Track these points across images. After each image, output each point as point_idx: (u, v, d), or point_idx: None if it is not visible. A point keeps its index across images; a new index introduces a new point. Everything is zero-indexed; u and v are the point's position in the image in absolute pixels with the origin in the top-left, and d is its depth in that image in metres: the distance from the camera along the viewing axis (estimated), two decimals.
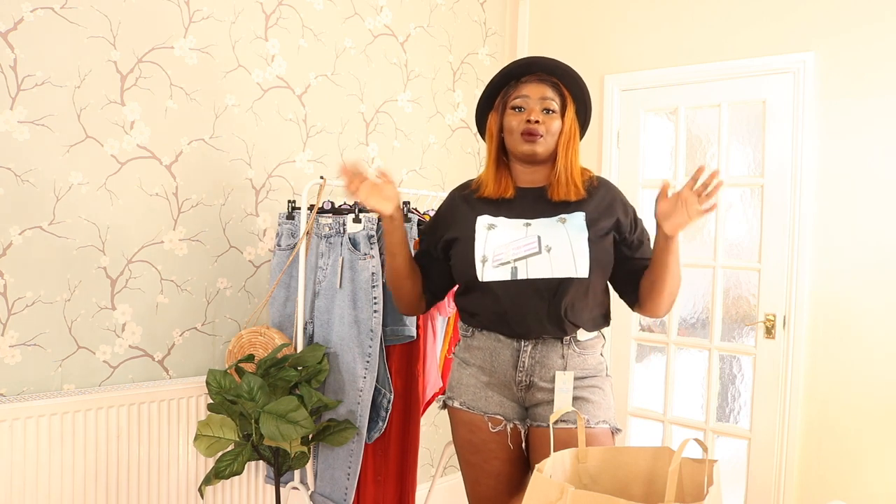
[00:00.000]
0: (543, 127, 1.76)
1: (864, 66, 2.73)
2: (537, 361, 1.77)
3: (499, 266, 1.72)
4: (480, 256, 1.75)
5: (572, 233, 1.73)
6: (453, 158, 3.44)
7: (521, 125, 1.77)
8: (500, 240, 1.75)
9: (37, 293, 2.16)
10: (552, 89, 1.80)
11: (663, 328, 3.24)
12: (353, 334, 2.32)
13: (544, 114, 1.78)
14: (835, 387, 2.79)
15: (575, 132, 1.83)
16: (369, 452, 2.38)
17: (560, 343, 1.77)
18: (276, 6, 2.70)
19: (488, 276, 1.73)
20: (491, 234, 1.77)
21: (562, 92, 1.81)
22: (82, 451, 2.16)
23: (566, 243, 1.71)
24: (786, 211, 2.90)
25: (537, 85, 1.79)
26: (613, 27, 3.38)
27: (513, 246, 1.73)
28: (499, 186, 1.84)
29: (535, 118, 1.76)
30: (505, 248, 1.74)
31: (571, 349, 1.77)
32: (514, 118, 1.79)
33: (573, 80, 1.83)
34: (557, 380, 1.75)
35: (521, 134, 1.77)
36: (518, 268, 1.71)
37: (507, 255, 1.73)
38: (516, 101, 1.79)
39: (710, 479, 1.43)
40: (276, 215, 2.72)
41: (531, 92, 1.78)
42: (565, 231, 1.73)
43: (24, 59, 2.09)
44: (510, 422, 1.81)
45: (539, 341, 1.77)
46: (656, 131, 3.31)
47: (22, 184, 2.11)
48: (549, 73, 1.81)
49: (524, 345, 1.77)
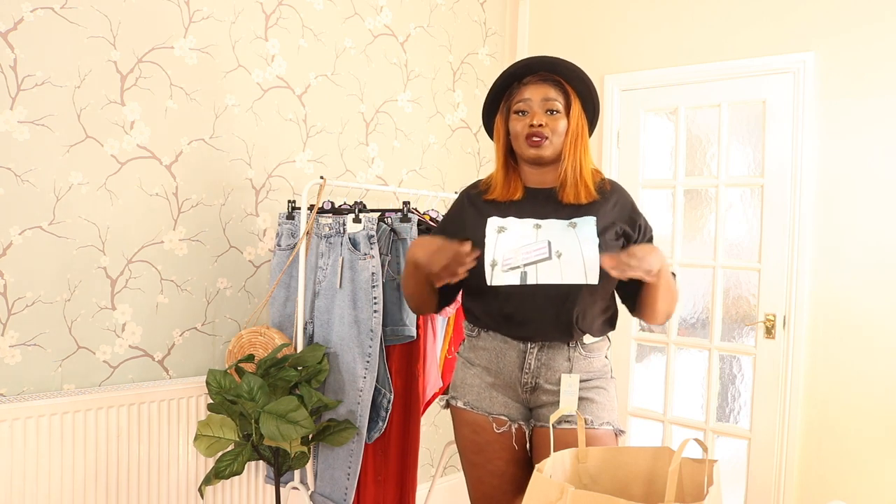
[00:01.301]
0: (548, 129, 1.75)
1: (864, 66, 2.73)
2: (543, 364, 1.77)
3: (508, 270, 1.71)
4: (490, 260, 1.73)
5: (583, 239, 1.70)
6: (453, 158, 3.44)
7: (526, 129, 1.75)
8: (511, 244, 1.73)
9: (37, 293, 2.16)
10: (555, 88, 1.77)
11: (663, 328, 3.24)
12: (353, 334, 2.32)
13: (548, 115, 1.76)
14: (835, 387, 2.79)
15: (582, 130, 1.80)
16: (369, 452, 2.38)
17: (566, 346, 1.77)
18: (276, 6, 2.70)
19: (498, 280, 1.71)
20: (501, 238, 1.75)
21: (565, 90, 1.78)
22: (82, 451, 2.16)
23: (577, 249, 1.69)
24: (786, 211, 2.90)
25: (539, 86, 1.77)
26: (613, 27, 3.38)
27: (523, 251, 1.72)
28: (507, 189, 1.82)
29: (537, 122, 1.74)
30: (515, 252, 1.72)
31: (577, 352, 1.77)
32: (519, 122, 1.77)
33: (576, 76, 1.80)
34: (563, 382, 1.75)
35: (526, 138, 1.75)
36: (528, 273, 1.69)
37: (517, 260, 1.71)
38: (519, 104, 1.77)
39: (710, 479, 1.43)
40: (276, 215, 2.72)
41: (533, 94, 1.76)
42: (576, 236, 1.71)
43: (24, 59, 2.09)
44: (514, 422, 1.81)
45: (546, 344, 1.76)
46: (656, 131, 3.31)
47: (22, 184, 2.11)
48: (551, 72, 1.79)
49: (530, 347, 1.77)
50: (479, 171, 3.56)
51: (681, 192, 3.20)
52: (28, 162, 2.12)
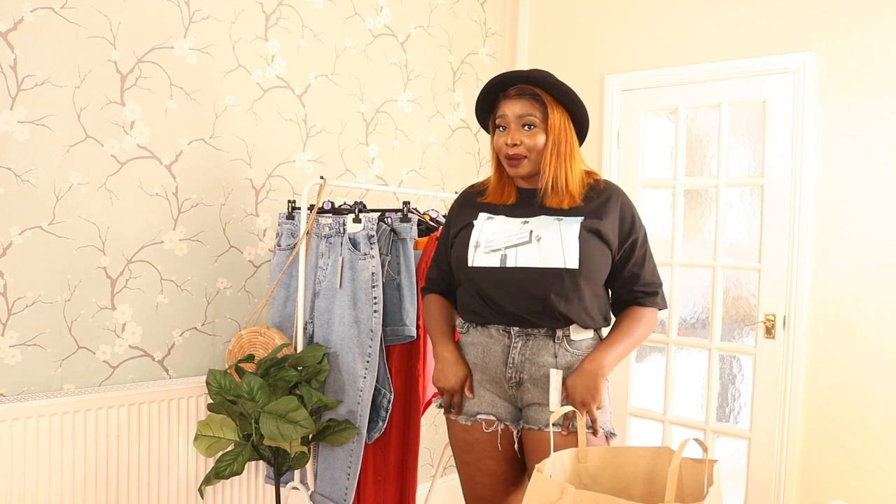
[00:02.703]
0: (524, 147, 1.77)
1: (864, 66, 2.73)
2: (527, 358, 1.77)
3: (490, 252, 1.77)
4: (474, 242, 1.80)
5: (564, 228, 1.75)
6: (453, 158, 3.44)
7: (503, 148, 1.80)
8: (495, 228, 1.80)
9: (37, 293, 2.16)
10: (531, 102, 1.77)
11: (663, 328, 3.24)
12: (353, 334, 2.32)
13: (525, 130, 1.77)
14: (835, 387, 2.79)
15: (564, 140, 1.78)
16: (369, 452, 2.38)
17: (552, 341, 1.77)
18: (276, 6, 2.70)
19: (479, 261, 1.78)
20: (487, 224, 1.82)
21: (542, 102, 1.77)
22: (82, 451, 2.16)
23: (557, 235, 1.74)
24: (786, 211, 2.90)
25: (515, 101, 1.78)
26: (613, 27, 3.38)
27: (505, 234, 1.78)
28: (501, 194, 1.88)
29: (511, 141, 1.77)
30: (498, 235, 1.78)
31: (563, 347, 1.77)
32: (499, 138, 1.82)
33: (552, 84, 1.77)
34: (552, 378, 1.75)
35: (505, 156, 1.81)
36: (507, 255, 1.75)
37: (498, 243, 1.77)
38: (499, 119, 1.81)
39: (710, 479, 1.43)
40: (276, 215, 2.72)
41: (509, 110, 1.79)
42: (558, 226, 1.76)
43: (24, 59, 2.09)
44: (502, 422, 1.82)
45: (530, 337, 1.77)
46: (656, 131, 3.31)
47: (22, 184, 2.11)
48: (526, 83, 1.78)
49: (514, 340, 1.78)
50: (479, 171, 3.56)
51: (681, 192, 3.20)
52: (28, 162, 2.12)
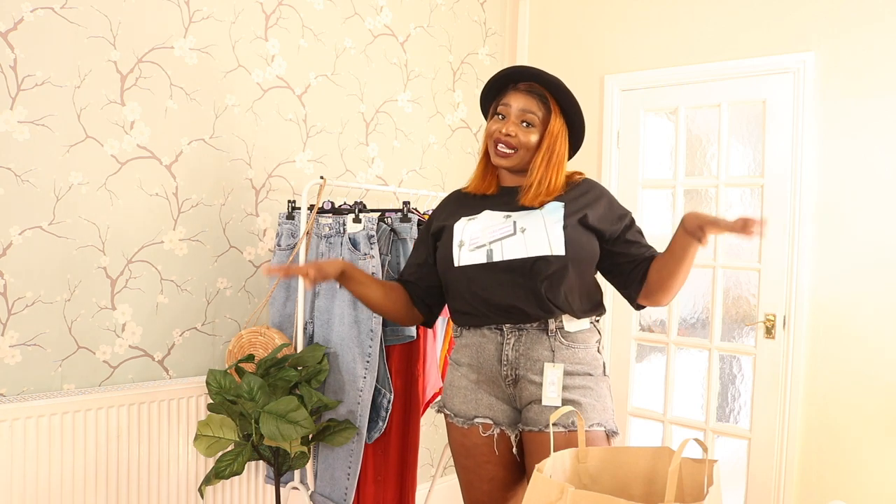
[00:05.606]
0: (516, 140, 1.77)
1: (864, 66, 2.73)
2: (522, 354, 1.76)
3: (475, 249, 1.76)
4: (458, 241, 1.79)
5: (547, 216, 1.75)
6: (453, 158, 3.44)
7: (496, 134, 1.79)
8: (478, 226, 1.79)
9: (37, 293, 2.16)
10: (538, 102, 1.78)
11: (663, 328, 3.24)
12: (353, 334, 2.32)
13: (523, 126, 1.78)
14: (835, 387, 2.79)
15: (557, 148, 1.79)
16: (369, 452, 2.38)
17: (546, 335, 1.75)
18: (276, 6, 2.70)
19: (465, 259, 1.76)
20: (470, 223, 1.81)
21: (549, 106, 1.78)
22: (82, 451, 2.16)
23: (541, 224, 1.74)
24: (786, 211, 2.90)
25: (522, 95, 1.79)
26: (613, 27, 3.38)
27: (489, 230, 1.77)
28: (482, 183, 1.88)
29: (506, 131, 1.77)
30: (482, 231, 1.77)
31: (558, 341, 1.75)
32: (495, 124, 1.81)
33: (563, 94, 1.79)
34: (546, 372, 1.73)
35: (495, 143, 1.80)
36: (493, 250, 1.74)
37: (482, 239, 1.76)
38: (501, 107, 1.81)
39: (710, 479, 1.43)
40: (276, 215, 2.72)
41: (514, 102, 1.79)
42: (541, 215, 1.75)
43: (24, 59, 2.09)
44: (499, 426, 1.80)
45: (523, 332, 1.76)
46: (656, 131, 3.31)
47: (22, 184, 2.11)
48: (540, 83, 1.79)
49: (507, 337, 1.77)
50: None
51: (681, 193, 3.20)
52: (28, 162, 2.12)
